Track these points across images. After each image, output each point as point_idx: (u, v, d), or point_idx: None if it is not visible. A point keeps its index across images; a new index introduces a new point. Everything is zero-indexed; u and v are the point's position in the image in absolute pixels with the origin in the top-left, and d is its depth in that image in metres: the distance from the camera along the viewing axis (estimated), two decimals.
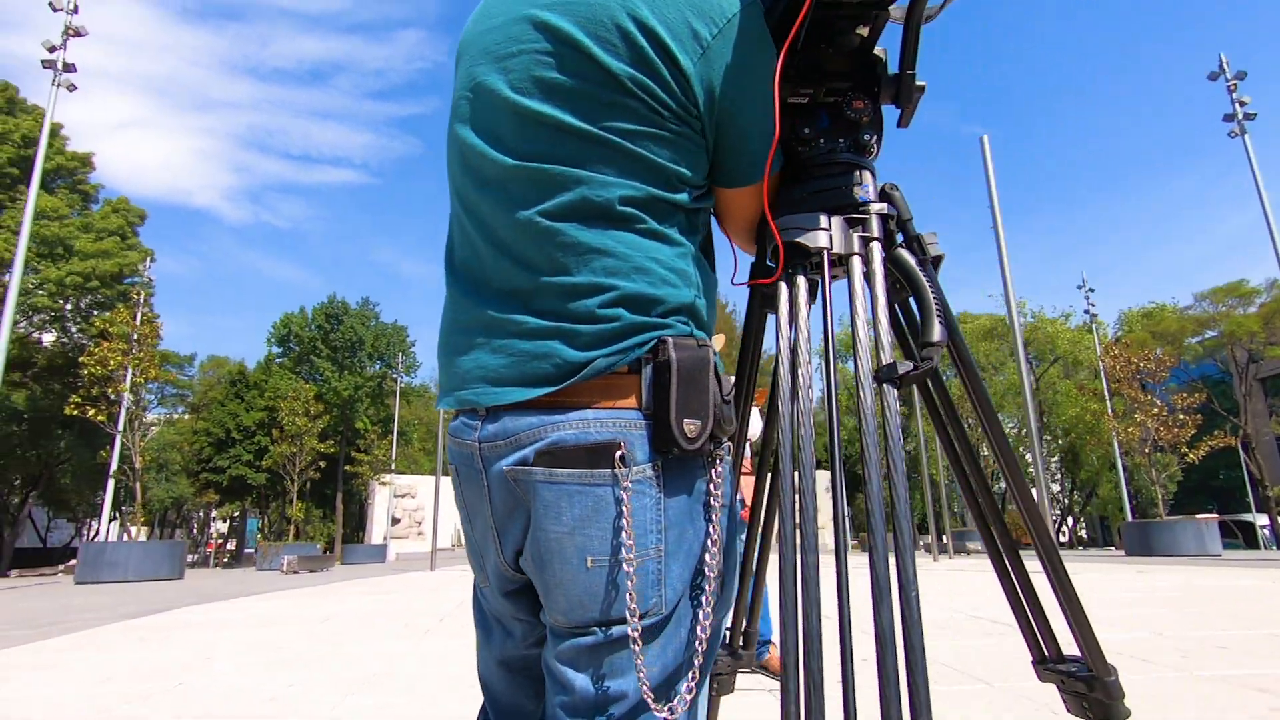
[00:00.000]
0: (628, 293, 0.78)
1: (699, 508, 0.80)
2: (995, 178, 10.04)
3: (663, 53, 0.78)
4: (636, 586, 0.75)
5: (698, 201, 0.86)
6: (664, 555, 0.77)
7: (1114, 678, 0.80)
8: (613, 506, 0.75)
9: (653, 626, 0.77)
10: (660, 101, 0.78)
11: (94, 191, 32.60)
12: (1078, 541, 44.18)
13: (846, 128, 0.91)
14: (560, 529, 0.77)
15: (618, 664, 0.76)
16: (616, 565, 0.75)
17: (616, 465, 0.75)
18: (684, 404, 0.76)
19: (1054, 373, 40.39)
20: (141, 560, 15.12)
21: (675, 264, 0.81)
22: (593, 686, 0.76)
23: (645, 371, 0.78)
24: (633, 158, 0.79)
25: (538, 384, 0.79)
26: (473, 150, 0.87)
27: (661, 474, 0.78)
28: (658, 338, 0.78)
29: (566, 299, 0.79)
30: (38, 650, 4.98)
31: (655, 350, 0.78)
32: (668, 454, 0.77)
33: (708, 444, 0.78)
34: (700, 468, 0.81)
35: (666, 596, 0.77)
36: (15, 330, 26.97)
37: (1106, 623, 4.83)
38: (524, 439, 0.78)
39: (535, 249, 0.81)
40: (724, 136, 0.84)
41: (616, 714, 0.75)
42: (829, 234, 0.82)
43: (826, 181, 0.88)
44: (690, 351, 0.78)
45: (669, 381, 0.76)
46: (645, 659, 0.76)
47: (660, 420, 0.76)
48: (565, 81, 0.79)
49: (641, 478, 0.77)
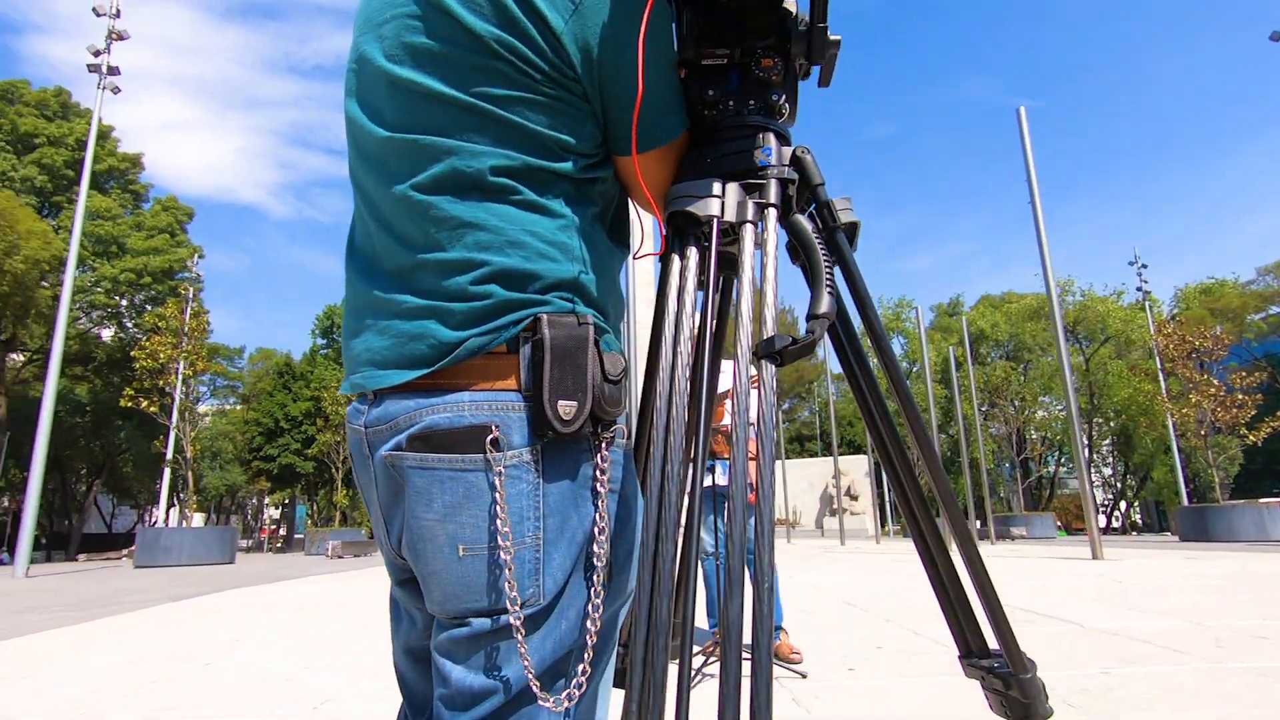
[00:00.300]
0: (500, 268, 0.74)
1: (585, 493, 0.76)
2: (1033, 150, 9.66)
3: (530, 12, 0.73)
4: (513, 576, 0.72)
5: (590, 170, 0.82)
6: (543, 543, 0.74)
7: (1031, 674, 0.74)
8: (486, 493, 0.72)
9: (531, 617, 0.73)
10: (531, 64, 0.74)
11: (144, 191, 33.83)
12: (1131, 527, 42.73)
13: (755, 88, 0.85)
14: (431, 516, 0.74)
15: (494, 656, 0.73)
16: (490, 554, 0.72)
17: (488, 450, 0.72)
18: (557, 384, 0.72)
19: (1105, 353, 38.94)
20: (195, 545, 15.74)
21: (556, 237, 0.77)
22: (469, 678, 0.73)
23: (524, 351, 0.74)
24: (505, 125, 0.75)
25: (415, 366, 0.76)
26: (355, 124, 0.84)
27: (541, 458, 0.74)
28: (534, 315, 0.74)
29: (441, 276, 0.75)
30: (82, 632, 5.21)
31: (532, 329, 0.74)
32: (546, 437, 0.73)
33: (587, 426, 0.74)
34: (585, 451, 0.77)
35: (545, 586, 0.73)
36: (76, 326, 28.26)
37: (1141, 611, 4.64)
38: (401, 423, 0.75)
39: (412, 225, 0.78)
40: (609, 100, 0.78)
41: (492, 706, 0.72)
42: (721, 201, 0.76)
43: (727, 146, 0.82)
44: (566, 329, 0.74)
45: (542, 361, 0.72)
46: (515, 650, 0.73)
47: (536, 402, 0.72)
48: (432, 46, 0.75)
49: (518, 462, 0.73)
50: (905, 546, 17.11)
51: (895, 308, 44.22)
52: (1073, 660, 3.28)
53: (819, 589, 6.66)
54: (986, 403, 36.69)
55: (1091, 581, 6.62)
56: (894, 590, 6.33)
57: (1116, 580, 6.63)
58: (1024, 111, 9.78)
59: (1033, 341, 40.14)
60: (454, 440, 0.73)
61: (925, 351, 15.94)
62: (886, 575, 7.94)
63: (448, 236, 0.75)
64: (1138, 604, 4.98)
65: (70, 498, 34.43)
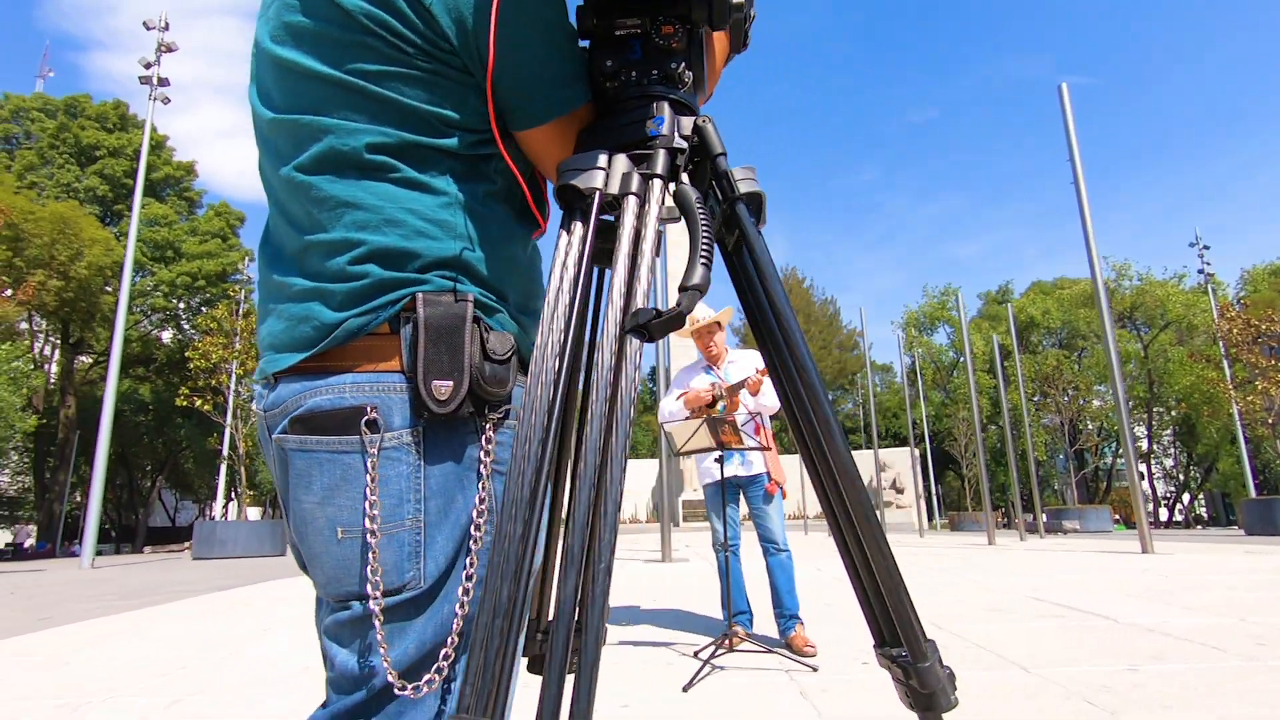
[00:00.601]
0: (377, 247, 0.73)
1: (470, 475, 0.75)
2: (1076, 129, 9.25)
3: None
4: (391, 559, 0.71)
5: (484, 146, 0.80)
6: (424, 526, 0.73)
7: (930, 662, 0.70)
8: (363, 475, 0.71)
9: (413, 600, 0.72)
10: (402, 38, 0.73)
11: (198, 197, 35.14)
12: (1195, 520, 40.90)
13: (657, 58, 0.82)
14: (311, 499, 0.74)
15: (376, 639, 0.72)
16: (368, 537, 0.71)
17: (363, 431, 0.71)
18: (432, 364, 0.71)
19: (1165, 339, 37.26)
20: (248, 538, 16.34)
21: (436, 215, 0.76)
22: (352, 661, 0.73)
23: (404, 332, 0.74)
24: (380, 101, 0.74)
25: (302, 348, 0.76)
26: (252, 108, 0.84)
27: (422, 440, 0.73)
28: (412, 294, 0.73)
29: (325, 257, 0.75)
30: (131, 619, 5.44)
31: (411, 308, 0.73)
32: (428, 418, 0.73)
33: (467, 406, 0.73)
34: (471, 433, 0.75)
35: (426, 570, 0.72)
36: (137, 329, 29.57)
37: (1182, 607, 4.43)
38: (290, 406, 0.75)
39: (299, 206, 0.78)
40: (495, 73, 0.77)
41: (375, 689, 0.72)
42: (605, 173, 0.74)
43: (620, 118, 0.80)
44: (442, 307, 0.73)
45: (418, 340, 0.71)
46: (403, 634, 0.72)
47: (415, 382, 0.72)
48: (308, 24, 0.75)
49: (397, 444, 0.73)
50: (950, 540, 16.71)
51: (940, 296, 43.07)
52: (1100, 656, 3.15)
53: (844, 581, 6.53)
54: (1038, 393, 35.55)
55: (1135, 576, 6.35)
56: (923, 584, 6.18)
57: (1162, 575, 6.35)
58: (1065, 89, 9.38)
59: (1087, 328, 38.61)
60: (333, 422, 0.73)
61: (966, 339, 15.47)
62: (917, 568, 7.76)
63: (328, 217, 0.75)
64: (1180, 599, 4.76)
65: (137, 493, 36.10)
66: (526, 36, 0.75)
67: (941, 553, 10.91)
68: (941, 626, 3.96)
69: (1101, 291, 9.08)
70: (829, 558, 9.91)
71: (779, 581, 3.77)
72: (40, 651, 4.11)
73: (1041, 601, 4.84)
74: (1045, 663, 3.06)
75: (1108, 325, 9.11)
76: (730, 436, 3.31)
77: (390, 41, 0.73)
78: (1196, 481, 40.33)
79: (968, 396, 17.17)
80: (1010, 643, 3.49)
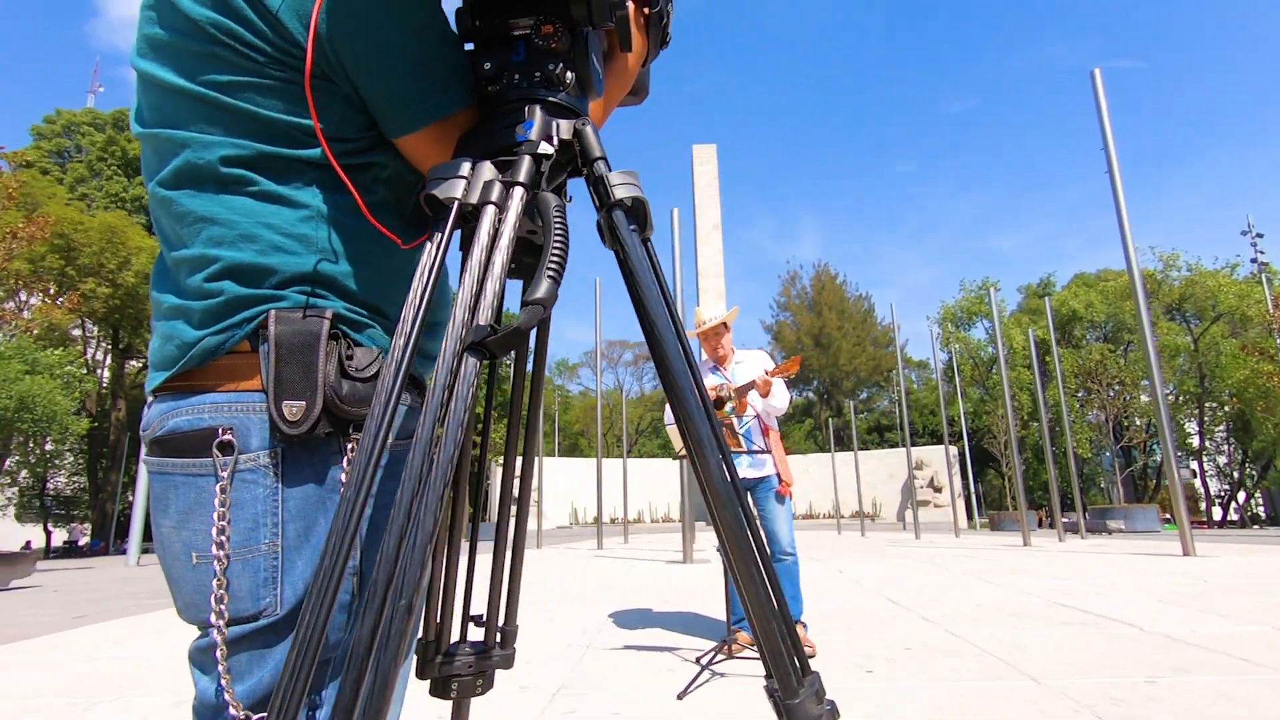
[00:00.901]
0: (232, 263, 0.72)
1: (333, 498, 0.73)
2: (1110, 116, 8.91)
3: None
4: (245, 585, 0.70)
5: (355, 156, 0.78)
6: (281, 550, 0.71)
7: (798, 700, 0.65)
8: (215, 498, 0.70)
9: (271, 626, 0.71)
10: (252, 46, 0.71)
11: None
12: (1251, 520, 39.23)
13: (538, 59, 0.79)
14: (168, 523, 0.72)
15: (233, 665, 0.71)
16: (222, 562, 0.69)
17: (214, 454, 0.70)
18: (283, 383, 0.69)
19: (1216, 331, 35.79)
20: None
21: (296, 229, 0.74)
22: (211, 689, 0.71)
23: (263, 350, 0.72)
24: (234, 113, 0.72)
25: (167, 366, 0.75)
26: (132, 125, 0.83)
27: (280, 462, 0.71)
28: (267, 312, 0.71)
29: (187, 274, 0.74)
30: (157, 618, 5.60)
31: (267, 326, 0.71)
32: (283, 440, 0.71)
33: (324, 426, 0.70)
34: (335, 454, 0.73)
35: (284, 595, 0.71)
36: None
37: (1216, 615, 4.23)
38: (155, 427, 0.74)
39: (166, 222, 0.77)
40: (357, 79, 0.74)
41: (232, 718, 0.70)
42: (466, 182, 0.71)
43: (498, 122, 0.77)
44: (293, 325, 0.71)
45: (269, 359, 0.70)
46: (261, 661, 0.71)
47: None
48: (164, 36, 0.73)
49: (254, 466, 0.71)
50: (986, 540, 16.30)
51: (978, 290, 42.03)
52: (1118, 667, 3.01)
53: (863, 584, 6.41)
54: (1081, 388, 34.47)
55: (1170, 580, 6.09)
56: (946, 588, 6.02)
57: (1200, 579, 6.07)
58: (1098, 74, 9.04)
59: (1133, 321, 37.27)
60: (189, 444, 0.71)
61: (999, 334, 15.05)
62: (944, 572, 7.57)
63: (188, 232, 0.74)
64: (1215, 606, 4.54)
65: None
66: (389, 42, 0.73)
67: (972, 554, 10.64)
68: (955, 633, 3.85)
69: (1138, 282, 8.74)
70: (855, 559, 9.75)
71: (783, 587, 3.70)
72: (68, 649, 4.24)
73: (1065, 607, 4.67)
74: (1058, 673, 2.95)
75: (1144, 316, 8.77)
76: (730, 439, 3.25)
77: (240, 51, 0.71)
78: (1252, 479, 38.68)
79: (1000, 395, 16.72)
80: (1024, 651, 3.36)
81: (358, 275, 0.77)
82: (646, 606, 5.36)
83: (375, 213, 0.80)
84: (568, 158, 0.79)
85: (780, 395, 3.78)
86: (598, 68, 0.86)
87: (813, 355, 50.77)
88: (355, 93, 0.75)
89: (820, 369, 51.05)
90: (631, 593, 6.23)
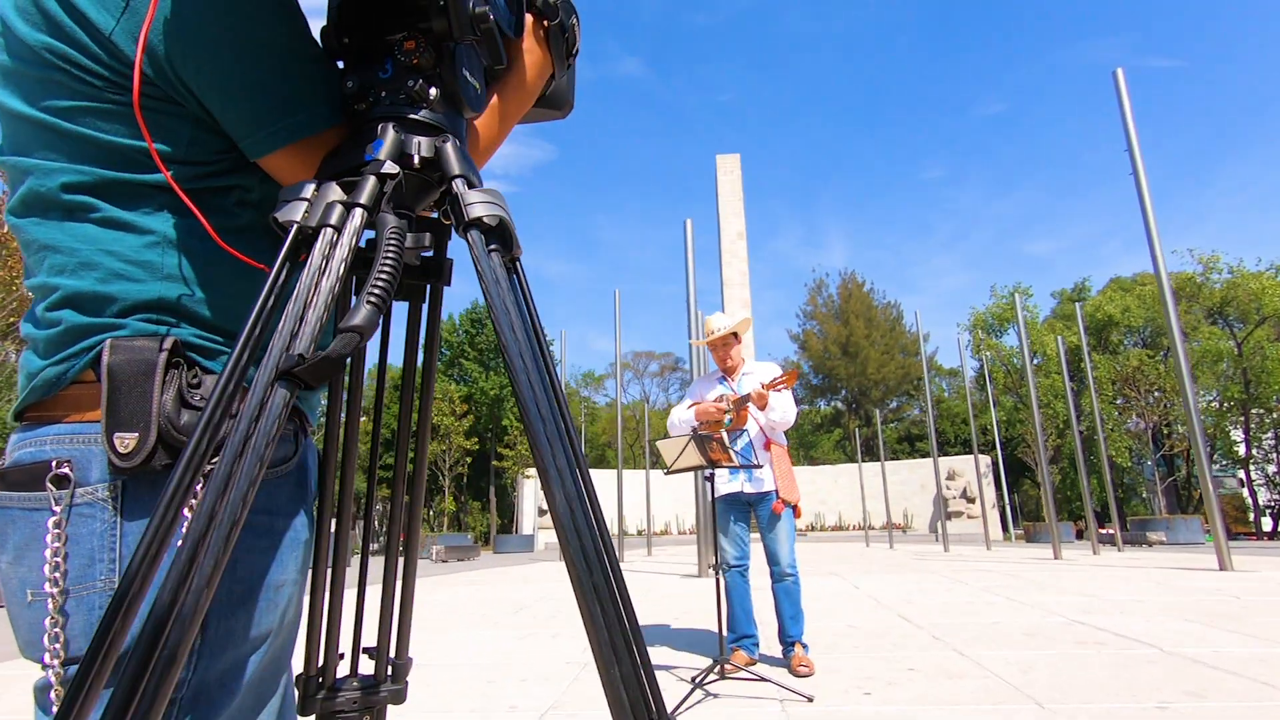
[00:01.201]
0: (71, 292, 0.70)
1: (178, 533, 0.71)
2: (1133, 115, 8.67)
3: (74, 14, 0.69)
4: (81, 623, 0.68)
5: (210, 179, 0.76)
6: None
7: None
8: (48, 533, 0.68)
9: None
10: (88, 70, 0.70)
11: None
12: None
13: (403, 76, 0.76)
14: (6, 559, 0.71)
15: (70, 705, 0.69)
16: (56, 599, 0.67)
17: (49, 487, 0.68)
18: (115, 415, 0.67)
19: (1261, 334, 34.54)
20: None
21: (140, 255, 0.72)
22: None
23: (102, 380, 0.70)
24: (73, 138, 0.71)
25: (19, 397, 0.74)
26: None
27: (120, 495, 0.69)
28: (105, 341, 0.70)
29: (36, 303, 0.73)
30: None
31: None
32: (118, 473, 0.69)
33: (160, 459, 0.68)
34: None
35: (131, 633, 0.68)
36: None
37: (1244, 635, 4.02)
38: (3, 460, 0.73)
39: (23, 251, 0.76)
40: (205, 100, 0.72)
41: None
42: (306, 204, 0.69)
43: (347, 143, 0.75)
44: (127, 354, 0.69)
45: (104, 390, 0.68)
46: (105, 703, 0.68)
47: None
48: (8, 62, 0.73)
49: (91, 500, 0.69)
50: (1017, 553, 15.87)
51: (1010, 296, 41.20)
52: (1131, 691, 2.88)
53: (880, 600, 6.25)
54: (1119, 395, 33.53)
55: (1201, 597, 5.82)
56: (963, 605, 5.84)
57: (1233, 596, 5.80)
58: (1120, 74, 8.82)
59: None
60: (28, 477, 0.70)
61: (1024, 341, 14.69)
62: (965, 587, 7.35)
63: (34, 261, 0.73)
64: (1245, 625, 4.33)
65: None
66: (226, 62, 0.71)
67: (999, 568, 10.35)
68: (964, 653, 3.72)
69: (1166, 286, 8.47)
70: (877, 574, 9.54)
71: (783, 607, 3.62)
72: None
73: (1084, 625, 4.49)
74: (1066, 697, 2.82)
75: (1173, 320, 8.50)
76: (719, 454, 3.19)
77: (75, 75, 0.70)
78: None
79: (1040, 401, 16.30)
80: (1032, 673, 3.23)
81: (211, 301, 0.75)
82: (655, 623, 5.30)
83: (240, 236, 0.78)
84: (438, 176, 0.77)
85: (783, 409, 3.70)
86: (472, 82, 0.83)
87: (840, 364, 50.20)
88: (206, 114, 0.73)
89: (848, 378, 50.45)
90: (643, 609, 6.16)
